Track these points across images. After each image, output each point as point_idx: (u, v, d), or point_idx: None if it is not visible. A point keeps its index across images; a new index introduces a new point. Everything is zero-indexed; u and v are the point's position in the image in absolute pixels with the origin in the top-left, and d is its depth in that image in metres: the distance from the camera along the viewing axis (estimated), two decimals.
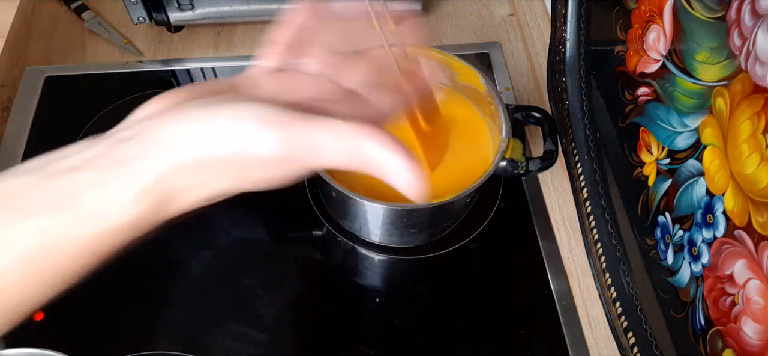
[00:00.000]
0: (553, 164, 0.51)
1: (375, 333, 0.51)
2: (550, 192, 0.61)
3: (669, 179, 0.42)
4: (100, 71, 0.68)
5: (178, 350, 0.49)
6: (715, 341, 0.37)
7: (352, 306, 0.53)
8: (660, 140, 0.43)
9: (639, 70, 0.45)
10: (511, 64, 0.72)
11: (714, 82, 0.36)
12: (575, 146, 0.55)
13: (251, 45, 0.73)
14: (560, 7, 0.55)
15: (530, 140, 0.62)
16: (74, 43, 0.71)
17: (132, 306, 0.52)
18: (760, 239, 0.33)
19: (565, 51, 0.56)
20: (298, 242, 0.57)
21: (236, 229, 0.57)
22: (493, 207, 0.59)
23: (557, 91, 0.57)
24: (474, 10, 0.78)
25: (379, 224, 0.52)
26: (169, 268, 0.54)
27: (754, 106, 0.33)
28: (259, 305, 0.52)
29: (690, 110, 0.39)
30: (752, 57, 0.33)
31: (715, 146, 0.37)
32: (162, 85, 0.68)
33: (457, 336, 0.51)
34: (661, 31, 0.42)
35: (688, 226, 0.40)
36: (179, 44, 0.72)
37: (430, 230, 0.54)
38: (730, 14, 0.34)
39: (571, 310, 0.53)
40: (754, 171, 0.33)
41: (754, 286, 0.33)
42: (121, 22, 0.73)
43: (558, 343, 0.51)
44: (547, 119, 0.54)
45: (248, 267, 0.54)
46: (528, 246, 0.57)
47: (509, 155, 0.50)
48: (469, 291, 0.54)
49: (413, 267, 0.55)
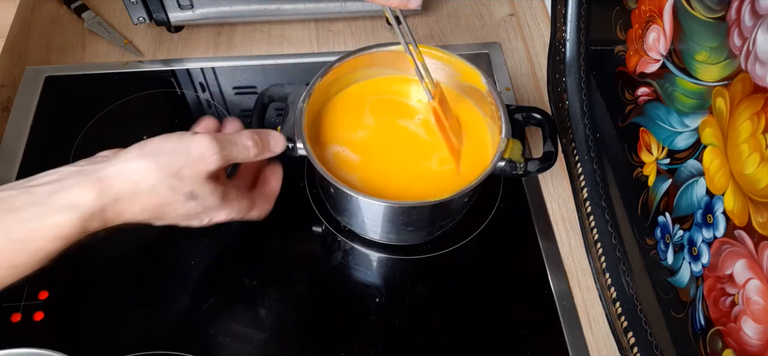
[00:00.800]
0: (552, 166, 0.51)
1: (375, 333, 0.51)
2: (550, 192, 0.61)
3: (669, 179, 0.42)
4: (100, 71, 0.68)
5: (178, 350, 0.49)
6: (715, 341, 0.37)
7: (352, 306, 0.53)
8: (660, 140, 0.43)
9: (639, 70, 0.45)
10: (511, 64, 0.72)
11: (714, 83, 0.36)
12: (575, 146, 0.55)
13: (251, 45, 0.73)
14: (560, 7, 0.55)
15: (530, 141, 0.63)
16: (74, 43, 0.71)
17: (132, 306, 0.52)
18: (760, 239, 0.33)
19: (565, 51, 0.56)
20: (297, 240, 0.57)
21: (236, 228, 0.57)
22: (493, 207, 0.59)
23: (557, 91, 0.57)
24: (474, 10, 0.78)
25: (376, 221, 0.52)
26: (169, 268, 0.54)
27: (754, 106, 0.33)
28: (259, 304, 0.52)
29: (690, 110, 0.39)
30: (752, 57, 0.33)
31: (715, 146, 0.37)
32: (162, 85, 0.68)
33: (457, 336, 0.51)
34: (661, 31, 0.42)
35: (688, 226, 0.40)
36: (179, 44, 0.72)
37: (428, 228, 0.54)
38: (730, 14, 0.34)
39: (571, 310, 0.53)
40: (754, 171, 0.33)
41: (754, 286, 0.33)
42: (121, 22, 0.73)
43: (558, 343, 0.51)
44: (548, 120, 0.54)
45: (248, 267, 0.55)
46: (528, 246, 0.57)
47: (508, 156, 0.50)
48: (469, 291, 0.54)
49: (413, 267, 0.55)
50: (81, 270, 0.54)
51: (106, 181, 0.38)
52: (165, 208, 0.41)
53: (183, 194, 0.40)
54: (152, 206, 0.40)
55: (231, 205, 0.45)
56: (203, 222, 0.45)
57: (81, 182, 0.38)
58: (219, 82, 0.69)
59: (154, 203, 0.40)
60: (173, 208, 0.41)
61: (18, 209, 0.36)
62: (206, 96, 0.67)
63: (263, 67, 0.70)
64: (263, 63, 0.71)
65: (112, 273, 0.54)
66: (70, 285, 0.53)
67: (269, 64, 0.70)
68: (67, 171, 0.39)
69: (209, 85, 0.68)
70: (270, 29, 0.74)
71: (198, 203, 0.42)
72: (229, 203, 0.44)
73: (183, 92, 0.68)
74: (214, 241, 0.56)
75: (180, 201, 0.41)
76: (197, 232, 0.57)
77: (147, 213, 0.40)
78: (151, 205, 0.40)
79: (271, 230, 0.57)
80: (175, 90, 0.68)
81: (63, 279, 0.53)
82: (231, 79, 0.69)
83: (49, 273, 0.52)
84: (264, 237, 0.56)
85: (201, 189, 0.41)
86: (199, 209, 0.42)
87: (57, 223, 0.36)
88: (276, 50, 0.72)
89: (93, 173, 0.38)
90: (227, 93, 0.68)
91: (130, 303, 0.52)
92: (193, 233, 0.56)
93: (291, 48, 0.73)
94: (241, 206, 0.46)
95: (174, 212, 0.41)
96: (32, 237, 0.36)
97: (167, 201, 0.40)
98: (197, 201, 0.41)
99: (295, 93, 0.53)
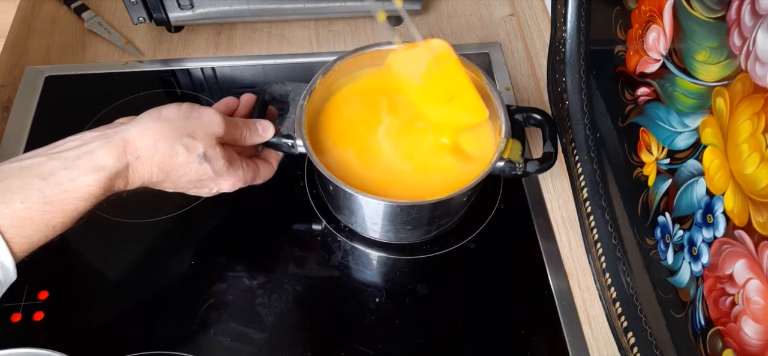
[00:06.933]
0: (552, 167, 0.51)
1: (375, 333, 0.51)
2: (550, 192, 0.61)
3: (669, 179, 0.42)
4: (100, 71, 0.68)
5: (178, 350, 0.49)
6: (715, 341, 0.37)
7: (352, 306, 0.53)
8: (660, 140, 0.43)
9: (639, 70, 0.45)
10: (511, 64, 0.72)
11: (714, 82, 0.36)
12: (575, 146, 0.55)
13: (251, 45, 0.73)
14: (560, 7, 0.55)
15: (530, 141, 0.63)
16: (74, 43, 0.71)
17: (132, 306, 0.52)
18: (760, 239, 0.33)
19: (565, 51, 0.56)
20: (297, 239, 0.57)
21: (236, 228, 0.57)
22: (493, 207, 0.59)
23: (557, 91, 0.57)
24: (474, 10, 0.78)
25: (376, 219, 0.52)
26: (169, 268, 0.54)
27: (754, 106, 0.33)
28: (259, 304, 0.52)
29: (690, 110, 0.39)
30: (752, 57, 0.33)
31: (715, 146, 0.37)
32: (162, 85, 0.68)
33: (457, 336, 0.51)
34: (661, 31, 0.42)
35: (688, 226, 0.40)
36: (179, 44, 0.72)
37: (427, 227, 0.54)
38: (730, 14, 0.34)
39: (571, 310, 0.53)
40: (754, 171, 0.33)
41: (754, 286, 0.33)
42: (121, 22, 0.73)
43: (558, 343, 0.51)
44: (548, 120, 0.54)
45: (248, 267, 0.55)
46: (528, 246, 0.57)
47: (507, 156, 0.50)
48: (469, 291, 0.54)
49: (414, 267, 0.55)
50: (81, 269, 0.54)
51: (128, 141, 0.42)
52: (180, 169, 0.44)
53: (197, 154, 0.44)
54: (169, 166, 0.43)
55: (237, 173, 0.48)
56: (211, 190, 0.48)
57: (105, 144, 0.41)
58: (219, 82, 0.69)
59: (171, 163, 0.43)
60: (188, 169, 0.44)
61: (50, 174, 0.39)
62: (206, 96, 0.67)
63: (263, 67, 0.70)
64: (263, 63, 0.71)
65: (112, 273, 0.54)
66: (70, 285, 0.53)
67: (269, 64, 0.70)
68: (90, 136, 0.42)
69: (209, 85, 0.68)
70: (270, 29, 0.74)
71: (210, 167, 0.45)
72: (235, 170, 0.48)
73: (183, 92, 0.68)
74: (214, 241, 0.56)
75: (194, 162, 0.44)
76: (198, 231, 0.57)
77: (164, 174, 0.44)
78: (169, 165, 0.43)
79: (271, 229, 0.57)
80: (175, 90, 0.68)
81: (63, 279, 0.53)
82: (231, 79, 0.69)
83: (49, 273, 0.52)
84: (264, 236, 0.56)
85: (212, 152, 0.45)
86: (210, 173, 0.46)
87: (87, 184, 0.40)
88: (276, 50, 0.72)
89: (115, 135, 0.42)
90: (227, 93, 0.68)
91: (130, 303, 0.52)
92: (192, 231, 0.56)
93: (291, 48, 0.73)
94: (247, 173, 0.49)
95: (187, 175, 0.45)
96: (66, 198, 0.39)
97: (183, 161, 0.44)
98: (210, 164, 0.45)
99: (296, 91, 0.53)
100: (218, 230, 0.57)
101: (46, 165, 0.40)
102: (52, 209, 0.39)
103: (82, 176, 0.40)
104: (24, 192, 0.38)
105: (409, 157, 0.53)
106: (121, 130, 0.42)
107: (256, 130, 0.50)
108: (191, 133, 0.44)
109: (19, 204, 0.38)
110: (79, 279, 0.53)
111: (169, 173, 0.44)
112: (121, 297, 0.53)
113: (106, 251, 0.55)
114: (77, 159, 0.40)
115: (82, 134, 0.42)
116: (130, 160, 0.42)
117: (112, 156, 0.41)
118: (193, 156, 0.44)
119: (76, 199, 0.39)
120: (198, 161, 0.44)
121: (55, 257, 0.52)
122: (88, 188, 0.40)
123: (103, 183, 0.40)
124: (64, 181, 0.39)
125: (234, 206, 0.57)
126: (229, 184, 0.48)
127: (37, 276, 0.52)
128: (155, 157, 0.43)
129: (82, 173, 0.40)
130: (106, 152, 0.41)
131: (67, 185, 0.39)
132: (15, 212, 0.37)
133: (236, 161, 0.48)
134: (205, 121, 0.45)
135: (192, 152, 0.44)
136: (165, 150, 0.43)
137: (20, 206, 0.38)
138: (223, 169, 0.46)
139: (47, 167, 0.39)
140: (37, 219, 0.38)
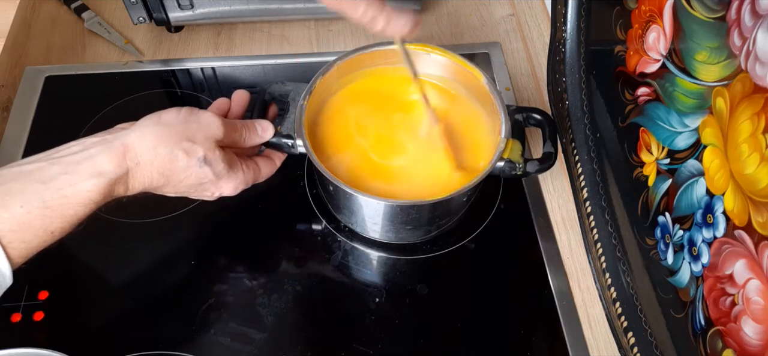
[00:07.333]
0: (552, 167, 0.51)
1: (375, 333, 0.51)
2: (550, 192, 0.61)
3: (669, 179, 0.42)
4: (100, 71, 0.68)
5: (178, 350, 0.49)
6: (715, 341, 0.37)
7: (352, 306, 0.53)
8: (660, 140, 0.43)
9: (639, 70, 0.45)
10: (511, 64, 0.72)
11: (714, 82, 0.36)
12: (575, 146, 0.55)
13: (251, 45, 0.73)
14: (560, 7, 0.55)
15: (530, 141, 0.63)
16: (74, 43, 0.71)
17: (132, 306, 0.52)
18: (760, 239, 0.33)
19: (565, 51, 0.56)
20: (297, 240, 0.57)
21: (236, 228, 0.57)
22: (493, 207, 0.59)
23: (557, 91, 0.57)
24: (474, 10, 0.78)
25: (376, 219, 0.52)
26: (169, 268, 0.54)
27: (754, 106, 0.33)
28: (259, 304, 0.52)
29: (690, 110, 0.39)
30: (752, 57, 0.33)
31: (715, 146, 0.37)
32: (162, 85, 0.68)
33: (457, 336, 0.51)
34: (661, 31, 0.42)
35: (688, 226, 0.40)
36: (179, 44, 0.72)
37: (427, 227, 0.54)
38: (730, 14, 0.34)
39: (571, 310, 0.53)
40: (754, 171, 0.33)
41: (754, 286, 0.33)
42: (121, 22, 0.73)
43: (558, 343, 0.51)
44: (548, 120, 0.54)
45: (248, 267, 0.55)
46: (528, 246, 0.57)
47: (507, 156, 0.50)
48: (469, 291, 0.54)
49: (414, 267, 0.55)
50: (81, 270, 0.54)
51: (128, 147, 0.42)
52: (181, 173, 0.44)
53: (197, 158, 0.44)
54: (169, 170, 0.43)
55: (237, 175, 0.48)
56: (213, 194, 0.48)
57: (105, 150, 0.41)
58: (219, 82, 0.69)
59: (171, 167, 0.43)
60: (188, 173, 0.44)
61: (50, 179, 0.39)
62: (206, 96, 0.67)
63: (263, 67, 0.70)
64: (263, 63, 0.71)
65: (112, 273, 0.54)
66: (70, 285, 0.53)
67: (269, 64, 0.70)
68: (90, 141, 0.42)
69: (209, 85, 0.68)
70: (270, 29, 0.74)
71: (210, 170, 0.45)
72: (236, 173, 0.48)
73: (183, 92, 0.68)
74: (214, 241, 0.56)
75: (194, 166, 0.44)
76: (198, 231, 0.57)
77: (164, 178, 0.44)
78: (169, 169, 0.43)
79: (271, 229, 0.57)
80: (175, 90, 0.68)
81: (63, 279, 0.53)
82: (231, 79, 0.69)
83: (49, 273, 0.52)
84: (264, 237, 0.56)
85: (212, 155, 0.45)
86: (210, 176, 0.45)
87: (87, 189, 0.40)
88: (276, 50, 0.72)
89: (115, 140, 0.42)
90: (227, 93, 0.67)
91: (130, 303, 0.52)
92: (192, 232, 0.56)
93: (291, 48, 0.73)
94: (247, 175, 0.49)
95: (188, 179, 0.45)
96: (66, 204, 0.39)
97: (183, 166, 0.44)
98: (210, 167, 0.45)
99: (296, 91, 0.53)
100: (218, 231, 0.57)
101: (47, 170, 0.40)
102: (52, 214, 0.39)
103: (82, 181, 0.40)
104: (24, 196, 0.38)
105: (410, 156, 0.53)
106: (121, 135, 0.42)
107: (256, 130, 0.50)
108: (191, 137, 0.44)
109: (19, 208, 0.37)
110: (79, 279, 0.53)
111: (169, 177, 0.44)
112: (121, 297, 0.53)
113: (106, 251, 0.55)
114: (78, 164, 0.40)
115: (83, 140, 0.43)
116: (130, 165, 0.42)
117: (112, 162, 0.41)
118: (193, 160, 0.44)
119: (75, 204, 0.40)
120: (198, 165, 0.44)
121: (56, 257, 0.52)
122: (87, 194, 0.40)
123: (102, 189, 0.40)
124: (65, 186, 0.39)
125: (234, 206, 0.57)
126: (231, 187, 0.48)
127: (37, 276, 0.52)
128: (155, 162, 0.43)
129: (83, 178, 0.40)
130: (106, 158, 0.41)
131: (68, 190, 0.39)
132: (14, 216, 0.37)
133: (236, 164, 0.48)
134: (204, 124, 0.45)
135: (192, 156, 0.44)
136: (165, 155, 0.43)
137: (20, 210, 0.37)
138: (223, 172, 0.46)
139: (48, 172, 0.39)
140: (36, 224, 0.38)
